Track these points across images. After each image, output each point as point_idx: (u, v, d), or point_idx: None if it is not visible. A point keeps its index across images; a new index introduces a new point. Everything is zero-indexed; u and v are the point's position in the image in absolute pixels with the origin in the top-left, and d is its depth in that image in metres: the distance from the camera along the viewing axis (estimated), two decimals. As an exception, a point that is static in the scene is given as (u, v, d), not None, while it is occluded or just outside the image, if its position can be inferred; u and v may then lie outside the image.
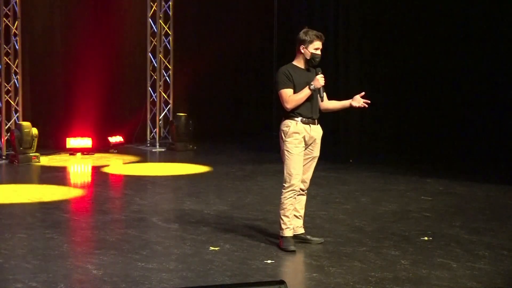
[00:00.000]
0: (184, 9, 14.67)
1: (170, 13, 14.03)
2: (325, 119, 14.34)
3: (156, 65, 14.12)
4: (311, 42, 6.20)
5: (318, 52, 6.21)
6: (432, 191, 9.26)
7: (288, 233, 6.29)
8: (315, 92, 6.20)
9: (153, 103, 14.23)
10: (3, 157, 11.85)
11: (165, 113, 14.25)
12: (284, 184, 6.27)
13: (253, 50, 15.50)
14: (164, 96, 14.21)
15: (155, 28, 14.04)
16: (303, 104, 6.19)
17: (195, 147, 13.51)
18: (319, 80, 6.15)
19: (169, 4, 14.03)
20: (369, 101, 6.30)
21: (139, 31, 14.27)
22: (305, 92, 6.16)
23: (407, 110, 12.57)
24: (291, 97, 6.17)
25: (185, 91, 14.83)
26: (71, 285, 5.28)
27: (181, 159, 12.38)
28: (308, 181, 6.42)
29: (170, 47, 14.12)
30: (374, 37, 12.41)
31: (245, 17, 15.63)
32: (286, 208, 6.26)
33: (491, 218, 7.67)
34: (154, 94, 14.18)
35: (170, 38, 14.09)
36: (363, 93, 6.35)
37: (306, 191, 6.46)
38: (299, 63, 6.30)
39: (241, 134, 15.18)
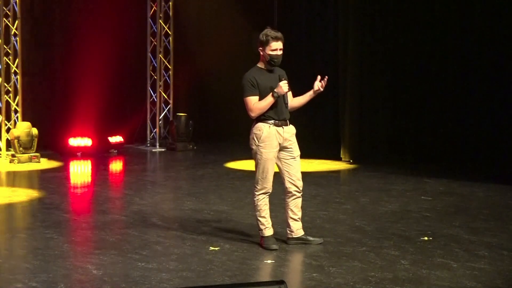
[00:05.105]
0: (184, 9, 14.67)
1: (170, 13, 14.05)
2: (325, 119, 14.31)
3: (156, 65, 14.13)
4: (267, 43, 6.14)
5: (276, 53, 6.14)
6: (432, 191, 9.26)
7: (268, 232, 6.30)
8: (279, 98, 6.18)
9: (153, 103, 14.24)
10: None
11: (165, 113, 14.26)
12: (257, 186, 6.27)
13: (253, 50, 15.48)
14: (164, 96, 14.22)
15: (155, 28, 14.05)
16: (271, 108, 6.16)
17: (195, 147, 13.53)
18: (283, 87, 6.12)
19: (169, 4, 14.05)
20: (326, 77, 6.26)
21: (139, 31, 14.28)
22: (269, 100, 6.13)
23: (407, 110, 12.57)
24: (255, 105, 6.14)
25: (185, 91, 14.83)
26: (71, 285, 5.28)
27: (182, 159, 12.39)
28: (300, 180, 6.35)
29: (170, 47, 14.13)
30: (374, 37, 12.41)
31: (245, 17, 15.63)
32: (261, 209, 6.28)
33: (491, 218, 7.67)
34: (154, 94, 14.19)
35: (170, 38, 14.10)
36: (319, 77, 6.30)
37: (301, 193, 6.40)
38: (262, 65, 6.28)
39: (241, 134, 15.17)
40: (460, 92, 12.16)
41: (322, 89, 6.29)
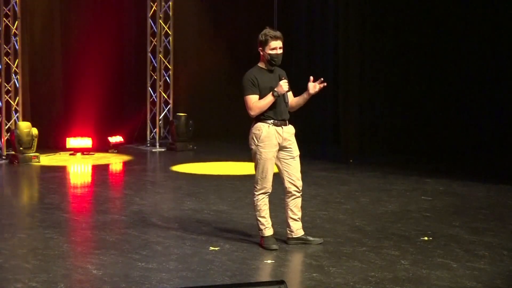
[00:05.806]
0: (184, 9, 14.67)
1: (170, 13, 14.04)
2: (325, 119, 14.28)
3: (156, 65, 14.13)
4: (266, 43, 6.15)
5: (276, 52, 6.14)
6: (432, 191, 9.26)
7: (268, 232, 6.30)
8: (279, 97, 6.18)
9: (153, 103, 14.23)
10: (3, 157, 11.85)
11: (165, 113, 14.26)
12: (256, 186, 6.28)
13: (253, 50, 15.47)
14: (164, 96, 14.22)
15: (155, 28, 14.04)
16: (270, 108, 6.16)
17: (195, 147, 13.53)
18: (283, 86, 6.12)
19: (169, 4, 14.04)
20: (322, 79, 6.23)
21: (139, 31, 14.27)
22: (269, 99, 6.13)
23: (407, 110, 12.57)
24: (254, 104, 6.14)
25: (185, 91, 14.83)
26: (71, 285, 5.28)
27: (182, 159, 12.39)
28: (299, 180, 6.34)
29: (170, 47, 14.12)
30: (374, 37, 12.41)
31: (245, 17, 15.64)
32: (261, 209, 6.28)
33: (491, 218, 7.67)
34: (154, 94, 14.19)
35: (170, 38, 14.10)
36: (312, 78, 6.28)
37: (301, 193, 6.40)
38: (262, 65, 6.27)
39: (241, 134, 15.17)
40: (460, 92, 12.17)
41: (317, 90, 6.28)
